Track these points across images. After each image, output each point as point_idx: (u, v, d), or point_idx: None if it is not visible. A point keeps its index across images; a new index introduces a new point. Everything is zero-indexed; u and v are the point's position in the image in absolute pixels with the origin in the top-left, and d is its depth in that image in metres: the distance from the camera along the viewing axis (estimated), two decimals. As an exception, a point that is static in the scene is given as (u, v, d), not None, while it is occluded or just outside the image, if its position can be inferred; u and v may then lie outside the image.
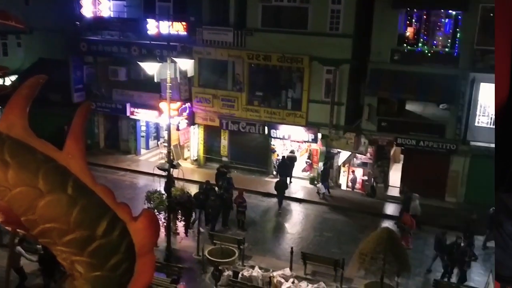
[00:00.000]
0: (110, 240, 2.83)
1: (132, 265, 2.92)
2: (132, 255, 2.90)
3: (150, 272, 3.02)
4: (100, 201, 2.87)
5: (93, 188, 2.90)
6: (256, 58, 24.12)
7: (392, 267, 13.71)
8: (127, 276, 2.94)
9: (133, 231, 2.89)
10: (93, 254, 2.81)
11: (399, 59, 22.27)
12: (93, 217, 2.81)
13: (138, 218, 2.94)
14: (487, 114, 21.86)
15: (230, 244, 17.10)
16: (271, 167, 25.83)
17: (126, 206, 2.93)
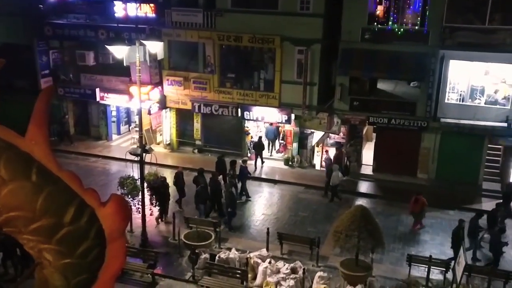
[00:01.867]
0: (79, 226, 2.73)
1: (103, 251, 2.83)
2: (102, 241, 2.81)
3: (121, 258, 2.93)
4: (66, 188, 2.76)
5: (58, 174, 2.79)
6: (226, 39, 23.84)
7: (366, 244, 13.91)
8: (98, 262, 2.85)
9: (102, 217, 2.79)
10: (61, 242, 2.72)
11: (369, 38, 22.31)
12: (59, 204, 2.71)
13: (107, 203, 2.84)
14: (457, 91, 22.20)
15: (206, 227, 17.06)
16: (245, 149, 25.78)
17: (94, 191, 2.83)
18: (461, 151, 22.34)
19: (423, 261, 15.69)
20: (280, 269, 15.25)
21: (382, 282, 15.19)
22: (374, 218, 14.68)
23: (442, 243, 18.14)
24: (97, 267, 2.84)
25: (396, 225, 19.48)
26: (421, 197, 19.06)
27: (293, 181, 23.30)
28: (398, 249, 17.62)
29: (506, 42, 20.54)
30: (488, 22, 20.70)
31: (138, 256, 16.41)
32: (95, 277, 2.90)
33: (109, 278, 2.90)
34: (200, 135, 26.37)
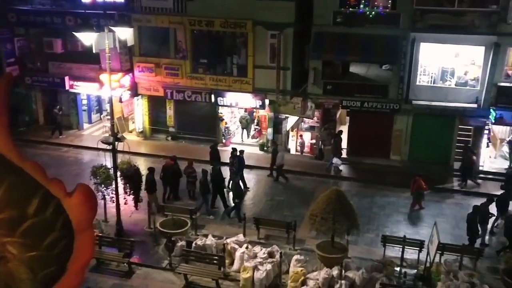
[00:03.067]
0: (44, 218, 2.61)
1: (71, 243, 2.72)
2: (69, 232, 2.70)
3: (90, 249, 2.83)
4: (29, 178, 2.62)
5: (20, 164, 2.65)
6: (198, 24, 23.52)
7: (342, 226, 14.03)
8: (66, 254, 2.75)
9: (69, 207, 2.68)
10: (26, 234, 2.60)
11: (341, 21, 22.32)
12: (22, 196, 2.58)
13: (73, 193, 2.73)
14: (428, 73, 22.46)
15: (182, 215, 16.96)
16: (219, 136, 25.63)
17: (59, 181, 2.71)
18: (433, 132, 22.69)
19: (398, 241, 15.96)
20: (257, 254, 15.29)
21: (358, 263, 15.39)
22: (349, 200, 14.83)
23: (416, 223, 18.52)
24: (65, 258, 2.74)
25: (370, 207, 19.74)
26: (419, 178, 19.14)
27: (268, 166, 23.29)
28: (373, 230, 17.87)
29: (475, 24, 20.82)
30: (457, 4, 20.92)
31: (113, 246, 16.26)
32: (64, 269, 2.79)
33: (78, 270, 2.79)
34: (174, 122, 26.09)
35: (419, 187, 18.96)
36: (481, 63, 21.44)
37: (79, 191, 3.34)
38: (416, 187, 19.02)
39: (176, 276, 15.17)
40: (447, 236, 16.88)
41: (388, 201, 20.23)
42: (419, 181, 19.00)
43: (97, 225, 16.98)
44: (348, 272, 14.63)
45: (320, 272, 14.47)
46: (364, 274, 14.32)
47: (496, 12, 20.50)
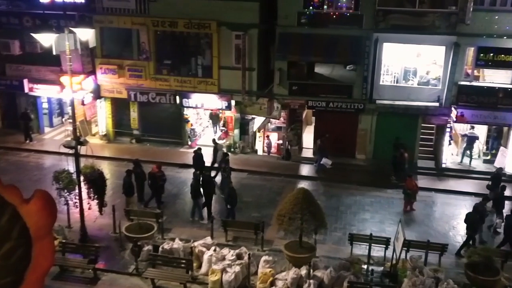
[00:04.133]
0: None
1: (28, 251, 2.56)
2: (27, 240, 2.54)
3: (50, 257, 2.67)
4: None
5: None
6: (161, 25, 23.23)
7: (309, 225, 14.10)
8: (23, 263, 2.59)
9: (26, 214, 2.52)
10: None
11: (306, 22, 22.46)
12: None
13: (30, 199, 2.56)
14: (391, 73, 22.85)
15: (148, 219, 16.66)
16: (185, 137, 25.38)
17: (14, 187, 2.54)
18: (397, 131, 23.06)
19: (364, 239, 16.11)
20: (225, 256, 15.17)
21: (326, 262, 15.47)
22: (316, 200, 14.89)
23: (382, 221, 18.74)
24: (23, 268, 2.58)
25: (337, 206, 19.90)
26: (409, 179, 19.30)
27: (235, 167, 23.13)
28: (340, 229, 18.01)
29: (435, 25, 21.31)
30: (418, 5, 21.36)
31: (77, 252, 15.85)
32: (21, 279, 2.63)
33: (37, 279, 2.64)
34: (138, 125, 25.67)
35: (409, 186, 19.04)
36: (442, 63, 21.95)
37: (37, 197, 3.13)
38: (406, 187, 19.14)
39: (143, 281, 14.90)
40: (412, 233, 17.21)
41: (354, 200, 20.46)
42: (408, 181, 19.13)
43: (60, 231, 16.53)
44: (317, 271, 14.68)
45: (289, 272, 14.46)
46: (332, 273, 14.40)
47: (455, 13, 21.03)
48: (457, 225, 18.66)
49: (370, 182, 21.89)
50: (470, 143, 23.24)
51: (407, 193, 19.10)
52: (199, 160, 21.08)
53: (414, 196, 19.23)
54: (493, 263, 14.60)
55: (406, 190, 19.14)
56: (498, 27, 20.88)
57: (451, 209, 19.86)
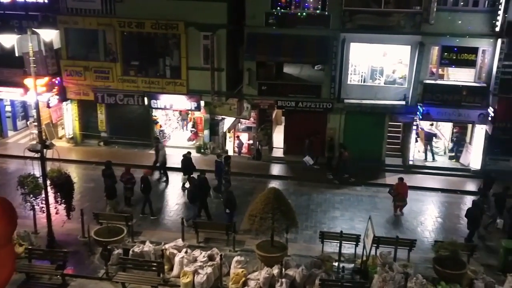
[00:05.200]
0: None
1: (-11, 258, 2.49)
2: None
3: (10, 265, 2.62)
4: None
5: None
6: (128, 25, 22.93)
7: (281, 225, 14.12)
8: (-16, 271, 2.51)
9: (-15, 222, 2.44)
10: None
11: (274, 22, 22.53)
12: None
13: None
14: (358, 72, 23.15)
15: (118, 222, 16.42)
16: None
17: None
18: (365, 129, 23.41)
19: (335, 237, 16.27)
20: (197, 258, 15.09)
21: (298, 261, 15.55)
22: (287, 199, 14.94)
23: (352, 218, 18.97)
24: (-17, 275, 2.50)
25: (308, 204, 20.05)
26: (400, 182, 19.22)
27: (206, 168, 23.01)
28: (311, 227, 18.14)
29: (401, 24, 21.70)
30: (383, 5, 21.72)
31: (45, 258, 15.46)
32: (-19, 287, 2.55)
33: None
34: (106, 127, 25.30)
35: (397, 190, 19.03)
36: (408, 62, 22.38)
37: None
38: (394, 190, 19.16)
39: (114, 285, 14.66)
40: (381, 229, 17.49)
41: (324, 198, 20.64)
42: (399, 184, 19.10)
43: (26, 237, 16.15)
44: (288, 270, 14.74)
45: (261, 272, 14.49)
46: (304, 271, 14.49)
47: (419, 13, 21.46)
48: (424, 220, 19.06)
49: (339, 180, 22.12)
50: (428, 140, 23.85)
51: (394, 195, 19.08)
52: (189, 164, 20.80)
53: (400, 200, 19.11)
54: (459, 257, 14.96)
55: (392, 192, 19.14)
56: (461, 27, 21.43)
57: (419, 205, 20.26)
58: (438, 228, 18.59)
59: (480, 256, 16.32)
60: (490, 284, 14.31)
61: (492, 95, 21.73)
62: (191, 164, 20.93)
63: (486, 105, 22.00)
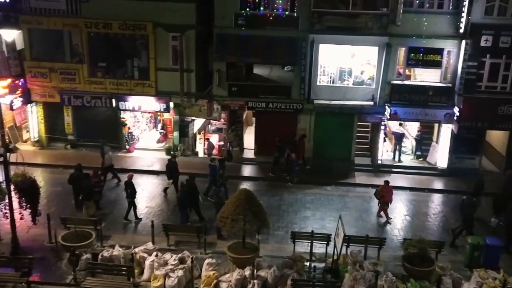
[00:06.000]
0: None
1: None
2: None
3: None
4: None
5: None
6: (95, 26, 22.53)
7: (252, 226, 14.10)
8: None
9: None
10: None
11: (243, 23, 22.50)
12: None
13: None
14: (327, 73, 23.34)
15: (86, 226, 16.07)
16: (123, 141, 24.74)
17: None
18: (334, 129, 23.63)
19: (306, 237, 16.34)
20: (167, 261, 14.91)
21: (269, 261, 15.53)
22: (258, 200, 14.92)
23: (323, 217, 19.09)
24: None
25: (279, 204, 20.08)
26: (385, 185, 19.16)
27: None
28: (282, 228, 18.16)
29: (368, 26, 21.98)
30: (351, 6, 21.96)
31: (9, 265, 14.97)
32: None
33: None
34: (73, 129, 24.80)
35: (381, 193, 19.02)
36: (375, 63, 22.69)
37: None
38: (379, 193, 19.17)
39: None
40: (351, 228, 17.65)
41: (295, 198, 20.72)
42: (384, 187, 19.08)
43: (-11, 244, 15.64)
44: (260, 271, 14.72)
45: (233, 273, 14.41)
46: (276, 272, 14.49)
47: (386, 14, 21.78)
48: (393, 219, 19.32)
49: (310, 180, 22.27)
50: (397, 140, 24.26)
51: (378, 198, 19.08)
52: (174, 168, 20.45)
53: (385, 202, 19.11)
54: (428, 254, 15.23)
55: (378, 194, 19.14)
56: (426, 28, 21.85)
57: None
58: (407, 226, 18.89)
59: (448, 252, 16.63)
60: (457, 280, 14.61)
61: (457, 95, 22.24)
62: (176, 168, 20.54)
63: (451, 104, 22.51)
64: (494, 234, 17.36)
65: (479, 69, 21.68)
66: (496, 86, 21.90)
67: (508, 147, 23.51)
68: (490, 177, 23.33)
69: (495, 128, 22.68)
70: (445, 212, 20.21)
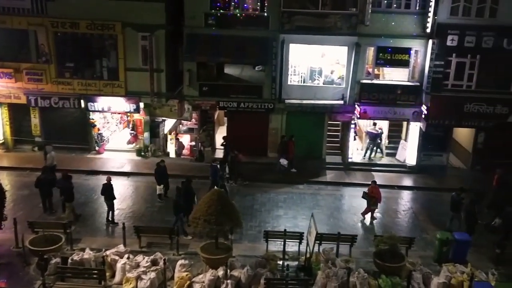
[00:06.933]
0: None
1: None
2: None
3: None
4: None
5: None
6: (61, 26, 22.10)
7: (225, 226, 14.06)
8: None
9: None
10: None
11: (213, 23, 22.43)
12: None
13: None
14: (298, 73, 23.48)
15: (55, 230, 15.73)
16: (92, 143, 24.33)
17: None
18: (305, 129, 23.78)
19: (279, 236, 16.39)
20: (139, 263, 14.73)
21: (243, 261, 15.51)
22: (231, 200, 14.89)
23: (295, 216, 19.19)
24: None
25: (252, 204, 20.09)
26: (373, 186, 19.14)
27: (147, 171, 22.60)
28: (255, 227, 18.17)
29: (337, 26, 22.21)
30: (321, 6, 22.15)
31: (-26, 272, 14.54)
32: None
33: None
34: (40, 131, 24.23)
35: (371, 194, 19.04)
36: (345, 62, 22.95)
37: None
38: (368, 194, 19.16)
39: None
40: (323, 226, 17.81)
41: (268, 198, 20.77)
42: (372, 188, 19.11)
43: (-47, 250, 15.14)
44: (234, 271, 14.69)
45: (206, 274, 14.35)
46: (249, 271, 14.49)
47: (355, 14, 22.07)
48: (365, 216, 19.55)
49: (282, 179, 22.36)
50: (371, 139, 24.57)
51: (367, 199, 19.11)
52: (163, 173, 20.07)
53: (374, 203, 19.14)
54: (398, 250, 15.49)
55: (366, 196, 19.16)
56: (394, 28, 22.23)
57: (358, 201, 20.75)
58: (378, 222, 19.16)
59: (417, 248, 16.94)
60: (427, 275, 14.90)
61: (425, 94, 22.70)
62: (165, 172, 20.18)
63: (419, 103, 22.95)
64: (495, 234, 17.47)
65: (445, 68, 22.18)
66: (462, 84, 22.43)
67: (474, 144, 24.14)
68: (457, 173, 23.98)
69: (462, 125, 23.24)
70: (414, 208, 20.59)
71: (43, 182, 18.22)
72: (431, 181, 22.85)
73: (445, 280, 14.53)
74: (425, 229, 18.72)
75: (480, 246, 17.06)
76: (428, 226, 18.88)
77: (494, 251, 16.58)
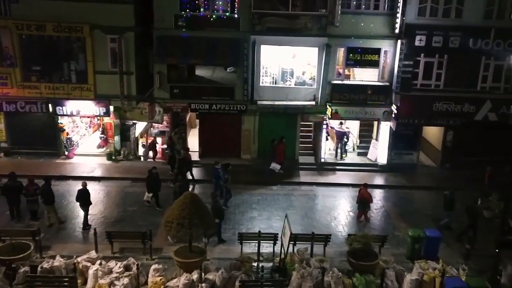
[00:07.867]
0: None
1: None
2: None
3: None
4: None
5: None
6: (27, 28, 21.57)
7: (198, 229, 13.93)
8: None
9: None
10: None
11: (183, 24, 22.25)
12: None
13: None
14: (269, 74, 23.51)
15: (23, 238, 15.30)
16: (61, 147, 23.81)
17: None
18: (278, 130, 23.82)
19: (253, 237, 16.34)
20: (112, 269, 14.46)
21: (217, 264, 15.40)
22: (204, 203, 14.77)
23: (269, 217, 19.17)
24: None
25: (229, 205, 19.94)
26: (364, 188, 19.06)
27: (118, 175, 22.28)
28: (229, 229, 18.06)
29: (308, 27, 22.33)
30: (291, 8, 22.23)
31: None
32: None
33: None
34: (6, 136, 23.60)
35: (363, 196, 19.00)
36: (316, 63, 23.09)
37: None
38: (359, 197, 19.12)
39: (20, 307, 13.63)
40: (297, 227, 17.85)
41: (242, 199, 20.70)
42: (363, 190, 19.05)
43: None
44: (208, 274, 14.55)
45: (180, 278, 14.18)
46: (224, 274, 14.39)
47: (325, 15, 22.21)
48: (337, 215, 19.72)
49: (256, 181, 22.34)
50: (339, 138, 24.82)
51: (360, 201, 19.10)
52: (156, 181, 19.56)
53: (367, 206, 19.23)
54: (371, 248, 15.63)
55: (359, 199, 19.16)
56: (364, 29, 22.48)
57: (332, 201, 20.95)
58: (351, 222, 19.31)
59: (390, 246, 17.14)
60: (400, 272, 15.08)
61: (395, 93, 23.03)
62: (157, 180, 19.70)
63: (389, 103, 23.27)
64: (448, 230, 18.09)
65: (414, 68, 22.54)
66: (430, 84, 22.85)
67: (443, 142, 24.61)
68: (428, 171, 24.41)
69: (431, 124, 23.66)
70: (386, 206, 20.84)
71: (10, 188, 17.72)
72: (402, 180, 23.19)
73: (417, 277, 14.73)
74: (397, 227, 18.95)
75: (452, 242, 17.40)
76: (400, 224, 19.13)
77: (464, 247, 16.92)
